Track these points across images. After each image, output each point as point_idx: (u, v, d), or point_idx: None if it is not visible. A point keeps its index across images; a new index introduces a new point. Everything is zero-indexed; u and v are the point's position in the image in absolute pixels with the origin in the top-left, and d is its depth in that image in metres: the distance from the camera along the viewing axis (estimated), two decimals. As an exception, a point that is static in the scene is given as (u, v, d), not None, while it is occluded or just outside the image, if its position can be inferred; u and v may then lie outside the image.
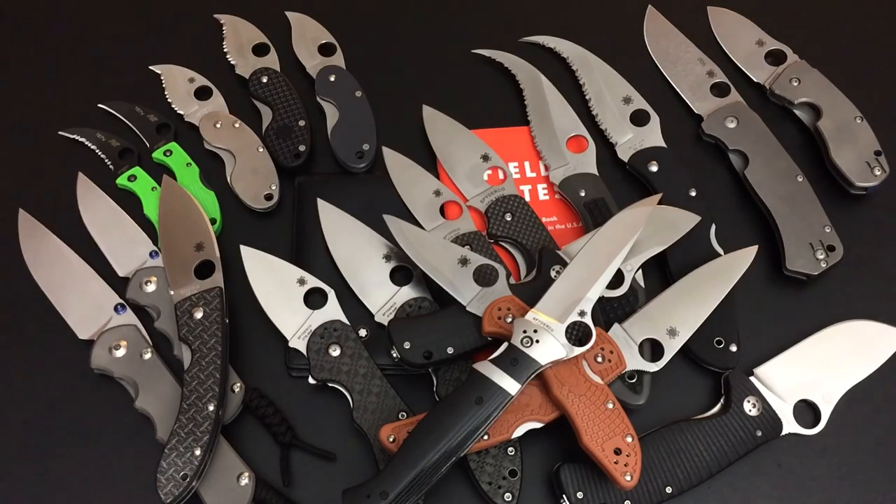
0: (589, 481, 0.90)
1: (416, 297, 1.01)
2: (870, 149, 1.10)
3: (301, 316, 0.98)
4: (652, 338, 0.97)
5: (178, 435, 0.90)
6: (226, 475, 0.92)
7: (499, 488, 0.92)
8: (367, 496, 0.82)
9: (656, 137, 1.13)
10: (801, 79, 1.16)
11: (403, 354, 0.93)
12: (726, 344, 1.00)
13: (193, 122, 1.15)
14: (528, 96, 1.19)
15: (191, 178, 1.12)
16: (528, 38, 1.25)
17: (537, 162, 1.15)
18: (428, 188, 1.10)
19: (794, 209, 1.07)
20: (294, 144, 1.13)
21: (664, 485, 0.91)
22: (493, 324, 0.92)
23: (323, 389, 0.97)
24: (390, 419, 0.94)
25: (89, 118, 1.17)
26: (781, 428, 0.95)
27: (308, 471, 0.96)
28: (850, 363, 1.00)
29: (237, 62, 1.20)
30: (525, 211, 1.08)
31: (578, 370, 0.89)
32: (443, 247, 1.01)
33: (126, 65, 1.22)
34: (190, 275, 0.99)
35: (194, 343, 0.95)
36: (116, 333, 0.98)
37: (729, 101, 1.16)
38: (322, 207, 1.06)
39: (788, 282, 1.06)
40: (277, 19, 1.25)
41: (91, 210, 1.08)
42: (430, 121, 1.16)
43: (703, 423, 0.94)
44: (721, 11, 1.27)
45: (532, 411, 0.90)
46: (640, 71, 1.22)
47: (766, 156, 1.10)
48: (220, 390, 0.93)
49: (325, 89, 1.17)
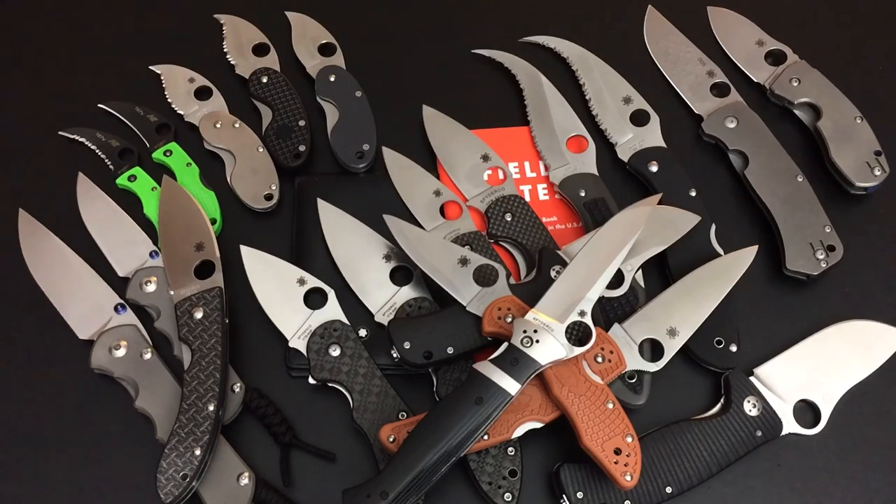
0: (589, 481, 0.90)
1: (416, 297, 1.01)
2: (870, 149, 1.10)
3: (301, 316, 0.98)
4: (652, 338, 0.97)
5: (178, 435, 0.90)
6: (226, 475, 0.92)
7: (499, 488, 0.92)
8: (367, 496, 0.82)
9: (656, 137, 1.13)
10: (801, 79, 1.16)
11: (403, 354, 0.93)
12: (726, 344, 1.00)
13: (193, 122, 1.15)
14: (528, 96, 1.19)
15: (191, 178, 1.12)
16: (528, 38, 1.25)
17: (537, 162, 1.15)
18: (428, 188, 1.10)
19: (794, 209, 1.06)
20: (294, 144, 1.13)
21: (664, 485, 0.91)
22: (493, 324, 0.92)
23: (323, 389, 0.97)
24: (390, 419, 0.94)
25: (89, 118, 1.17)
26: (781, 428, 0.95)
27: (308, 471, 0.96)
28: (850, 363, 0.99)
29: (237, 62, 1.20)
30: (525, 211, 1.08)
31: (578, 370, 0.89)
32: (443, 247, 1.01)
33: (126, 65, 1.22)
34: (190, 275, 0.99)
35: (194, 343, 0.95)
36: (116, 333, 0.98)
37: (729, 101, 1.16)
38: (322, 207, 1.06)
39: (788, 282, 1.06)
40: (277, 19, 1.25)
41: (91, 210, 1.08)
42: (430, 121, 1.16)
43: (703, 423, 0.94)
44: (721, 11, 1.27)
45: (532, 411, 0.90)
46: (640, 71, 1.22)
47: (766, 156, 1.10)
48: (220, 390, 0.93)
49: (325, 89, 1.17)
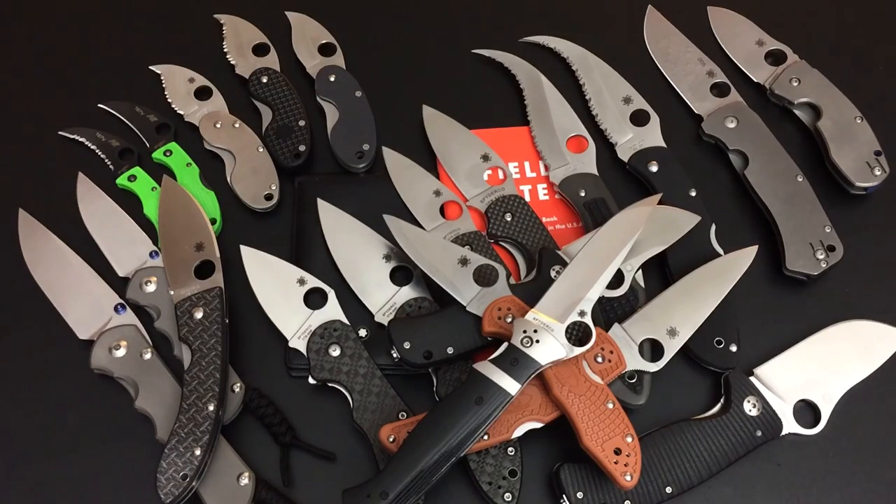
0: (589, 481, 0.90)
1: (416, 297, 1.01)
2: (870, 149, 1.10)
3: (301, 316, 0.98)
4: (652, 338, 0.97)
5: (178, 435, 0.90)
6: (226, 475, 0.92)
7: (499, 488, 0.92)
8: (367, 496, 0.82)
9: (656, 137, 1.13)
10: (801, 79, 1.16)
11: (403, 354, 0.93)
12: (726, 344, 1.00)
13: (193, 122, 1.15)
14: (528, 96, 1.19)
15: (191, 178, 1.12)
16: (528, 38, 1.25)
17: (537, 162, 1.15)
18: (428, 188, 1.10)
19: (794, 209, 1.06)
20: (294, 144, 1.13)
21: (664, 485, 0.91)
22: (493, 324, 0.92)
23: (323, 389, 0.97)
24: (390, 419, 0.94)
25: (89, 118, 1.17)
26: (781, 428, 0.95)
27: (308, 471, 0.96)
28: (850, 363, 1.00)
29: (237, 62, 1.20)
30: (525, 211, 1.08)
31: (578, 370, 0.89)
32: (443, 247, 1.01)
33: (126, 65, 1.22)
34: (190, 275, 0.99)
35: (194, 343, 0.95)
36: (116, 333, 0.98)
37: (729, 101, 1.16)
38: (322, 207, 1.06)
39: (788, 282, 1.06)
40: (277, 19, 1.25)
41: (91, 210, 1.08)
42: (430, 121, 1.16)
43: (703, 423, 0.94)
44: (721, 11, 1.27)
45: (532, 411, 0.90)
46: (640, 71, 1.22)
47: (766, 156, 1.10)
48: (220, 390, 0.93)
49: (325, 89, 1.17)
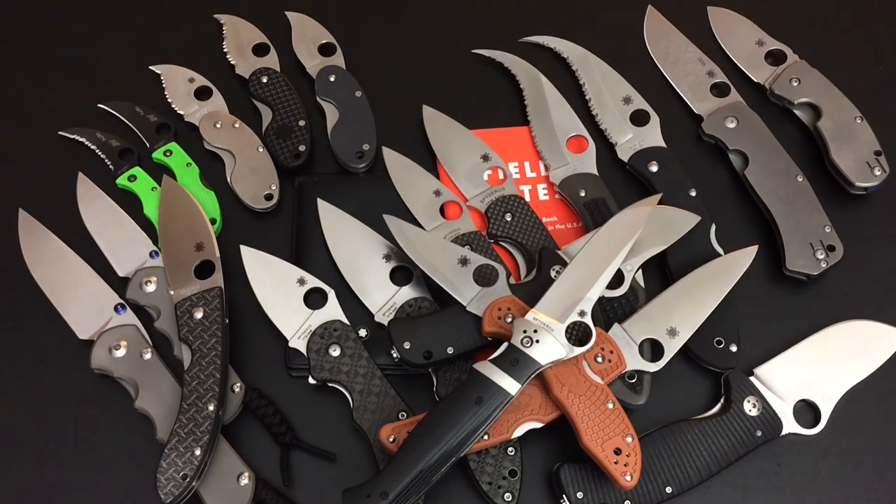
0: (589, 481, 0.90)
1: (416, 297, 1.01)
2: (870, 149, 1.10)
3: (301, 316, 0.98)
4: (652, 338, 0.97)
5: (178, 435, 0.90)
6: (226, 475, 0.92)
7: (499, 488, 0.92)
8: (367, 496, 0.82)
9: (656, 137, 1.13)
10: (801, 79, 1.16)
11: (403, 354, 0.93)
12: (726, 344, 1.00)
13: (193, 122, 1.15)
14: (528, 96, 1.19)
15: (191, 178, 1.12)
16: (528, 38, 1.25)
17: (537, 162, 1.15)
18: (428, 188, 1.10)
19: (794, 209, 1.06)
20: (294, 144, 1.13)
21: (664, 485, 0.91)
22: (493, 324, 0.92)
23: (323, 389, 0.97)
24: (390, 419, 0.94)
25: (89, 118, 1.17)
26: (781, 428, 0.95)
27: (308, 471, 0.96)
28: (850, 363, 1.00)
29: (237, 62, 1.20)
30: (525, 211, 1.08)
31: (578, 370, 0.89)
32: (443, 247, 1.01)
33: (126, 65, 1.22)
34: (190, 275, 0.99)
35: (194, 343, 0.95)
36: (116, 333, 0.98)
37: (729, 101, 1.16)
38: (322, 207, 1.06)
39: (788, 282, 1.06)
40: (277, 19, 1.25)
41: (91, 210, 1.08)
42: (430, 121, 1.16)
43: (703, 423, 0.94)
44: (721, 11, 1.27)
45: (532, 411, 0.90)
46: (640, 71, 1.22)
47: (766, 156, 1.10)
48: (220, 390, 0.93)
49: (325, 89, 1.17)
